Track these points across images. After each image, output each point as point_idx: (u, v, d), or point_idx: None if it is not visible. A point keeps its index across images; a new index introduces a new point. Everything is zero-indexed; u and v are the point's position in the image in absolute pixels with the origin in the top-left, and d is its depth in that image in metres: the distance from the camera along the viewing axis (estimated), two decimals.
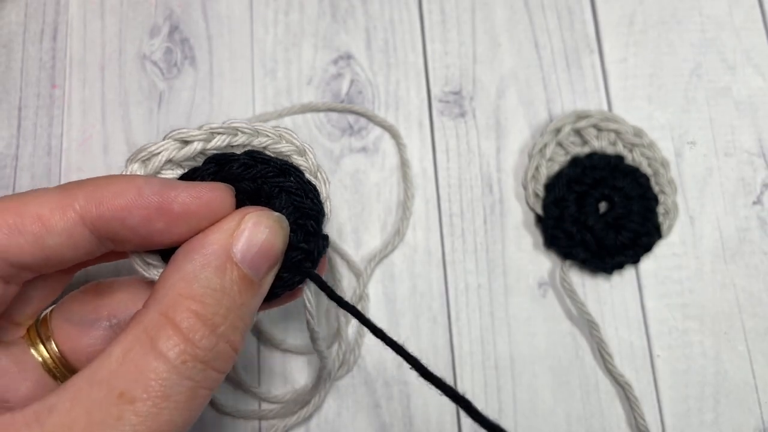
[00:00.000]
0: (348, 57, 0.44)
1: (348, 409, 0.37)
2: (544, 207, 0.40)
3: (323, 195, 0.30)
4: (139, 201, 0.25)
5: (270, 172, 0.28)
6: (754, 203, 0.41)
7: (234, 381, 0.38)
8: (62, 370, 0.28)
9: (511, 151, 0.42)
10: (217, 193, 0.26)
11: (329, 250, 0.32)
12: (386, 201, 0.41)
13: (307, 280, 0.29)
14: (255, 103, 0.42)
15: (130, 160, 0.28)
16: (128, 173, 0.27)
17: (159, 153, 0.28)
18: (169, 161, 0.28)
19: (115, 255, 0.29)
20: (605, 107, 0.43)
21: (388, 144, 0.42)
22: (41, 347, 0.28)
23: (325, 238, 0.29)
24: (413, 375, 0.32)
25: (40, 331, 0.29)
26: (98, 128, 0.42)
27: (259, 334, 0.39)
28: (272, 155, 0.29)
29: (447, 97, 0.43)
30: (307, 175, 0.30)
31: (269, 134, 0.29)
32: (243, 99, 0.43)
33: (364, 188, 0.41)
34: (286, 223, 0.27)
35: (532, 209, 0.41)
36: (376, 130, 0.42)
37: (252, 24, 0.44)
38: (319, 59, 0.43)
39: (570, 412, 0.38)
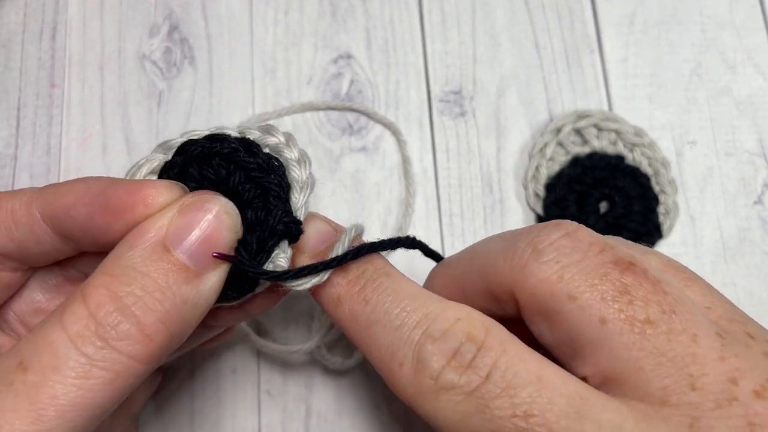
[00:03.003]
0: (348, 57, 0.43)
1: (348, 410, 0.37)
2: (545, 207, 0.40)
3: (302, 176, 0.28)
4: (84, 198, 0.25)
5: (225, 149, 0.27)
6: (755, 203, 0.41)
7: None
8: None
9: (511, 150, 0.42)
10: (154, 189, 0.25)
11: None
12: (386, 201, 0.41)
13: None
14: (255, 103, 0.42)
15: (126, 176, 0.28)
16: None
17: (143, 165, 0.28)
18: (152, 172, 0.28)
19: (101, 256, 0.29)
20: (606, 107, 0.43)
21: (388, 143, 0.42)
22: None
23: (287, 213, 0.27)
24: None
25: None
26: (97, 128, 0.42)
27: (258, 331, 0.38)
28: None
29: (447, 96, 0.43)
30: (293, 163, 0.28)
31: (253, 132, 0.29)
32: (243, 99, 0.42)
33: (364, 188, 0.41)
34: (232, 208, 0.25)
35: (533, 209, 0.41)
36: (376, 130, 0.42)
37: (252, 24, 0.44)
38: (318, 59, 0.43)
39: None
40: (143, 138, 0.42)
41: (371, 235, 0.40)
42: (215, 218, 0.25)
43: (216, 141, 0.27)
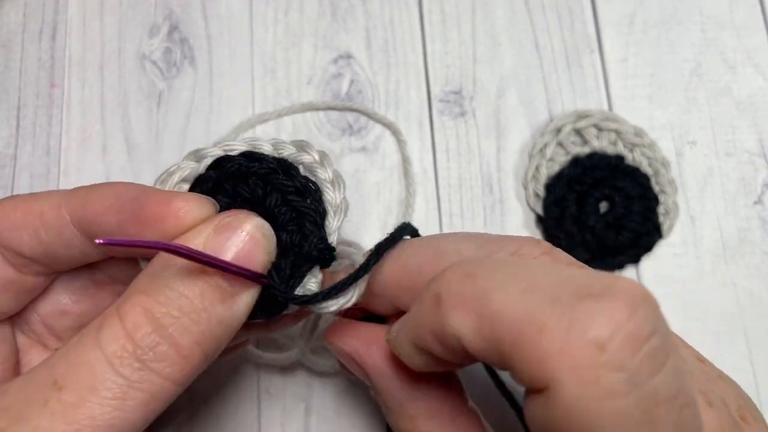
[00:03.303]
0: (348, 57, 0.43)
1: (348, 410, 0.37)
2: (545, 207, 0.40)
3: (337, 200, 0.28)
4: (115, 205, 0.25)
5: (262, 169, 0.27)
6: (755, 203, 0.41)
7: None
8: None
9: (511, 151, 0.42)
10: (185, 202, 0.25)
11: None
12: (386, 201, 0.41)
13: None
14: (255, 103, 0.42)
15: (155, 183, 0.28)
16: None
17: (174, 173, 0.27)
18: (184, 180, 0.27)
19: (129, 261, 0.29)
20: (606, 107, 0.43)
21: (388, 143, 0.42)
22: None
23: (322, 240, 0.27)
24: None
25: None
26: (97, 128, 0.42)
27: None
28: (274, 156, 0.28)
29: (447, 96, 0.43)
30: (327, 185, 0.28)
31: (287, 147, 0.28)
32: (243, 99, 0.42)
33: (364, 188, 0.41)
34: (269, 230, 0.25)
35: (533, 209, 0.41)
36: (376, 130, 0.42)
37: (252, 24, 0.44)
38: (318, 59, 0.43)
39: None
40: (143, 138, 0.41)
41: (371, 235, 0.40)
42: (251, 239, 0.24)
43: (254, 160, 0.27)
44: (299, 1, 0.44)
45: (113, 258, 0.28)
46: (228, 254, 0.24)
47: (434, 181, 0.41)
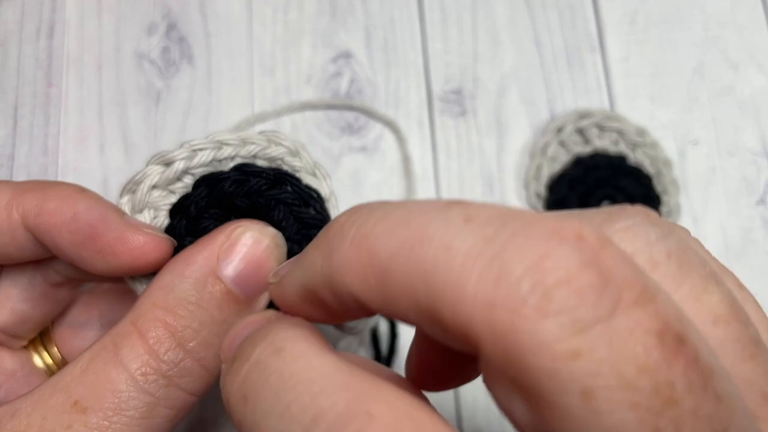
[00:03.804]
0: (347, 56, 0.43)
1: None
2: (547, 207, 0.40)
3: (326, 193, 0.28)
4: (71, 226, 0.24)
5: (264, 184, 0.27)
6: (758, 203, 0.41)
7: None
8: None
9: (512, 150, 0.42)
10: (143, 243, 0.24)
11: None
12: None
13: None
14: (254, 102, 0.42)
15: (122, 192, 0.27)
16: (121, 206, 0.26)
17: (142, 181, 0.26)
18: (154, 187, 0.27)
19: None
20: (607, 106, 0.42)
21: (388, 143, 0.42)
22: (44, 353, 0.29)
23: None
24: None
25: (43, 338, 0.30)
26: (95, 127, 0.41)
27: None
28: (264, 163, 0.28)
29: (447, 96, 0.43)
30: (306, 177, 0.28)
31: (256, 141, 0.27)
32: (241, 98, 0.42)
33: (363, 188, 0.41)
34: (281, 239, 0.25)
35: (534, 209, 0.40)
36: (376, 129, 0.42)
37: (251, 22, 0.44)
38: (318, 58, 0.43)
39: None
40: (141, 137, 0.41)
41: None
42: (265, 250, 0.24)
43: (251, 175, 0.27)
44: None
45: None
46: (243, 265, 0.24)
47: (434, 181, 0.41)
